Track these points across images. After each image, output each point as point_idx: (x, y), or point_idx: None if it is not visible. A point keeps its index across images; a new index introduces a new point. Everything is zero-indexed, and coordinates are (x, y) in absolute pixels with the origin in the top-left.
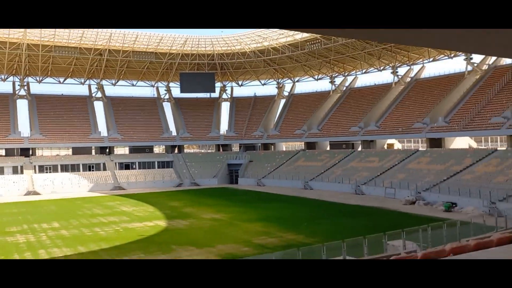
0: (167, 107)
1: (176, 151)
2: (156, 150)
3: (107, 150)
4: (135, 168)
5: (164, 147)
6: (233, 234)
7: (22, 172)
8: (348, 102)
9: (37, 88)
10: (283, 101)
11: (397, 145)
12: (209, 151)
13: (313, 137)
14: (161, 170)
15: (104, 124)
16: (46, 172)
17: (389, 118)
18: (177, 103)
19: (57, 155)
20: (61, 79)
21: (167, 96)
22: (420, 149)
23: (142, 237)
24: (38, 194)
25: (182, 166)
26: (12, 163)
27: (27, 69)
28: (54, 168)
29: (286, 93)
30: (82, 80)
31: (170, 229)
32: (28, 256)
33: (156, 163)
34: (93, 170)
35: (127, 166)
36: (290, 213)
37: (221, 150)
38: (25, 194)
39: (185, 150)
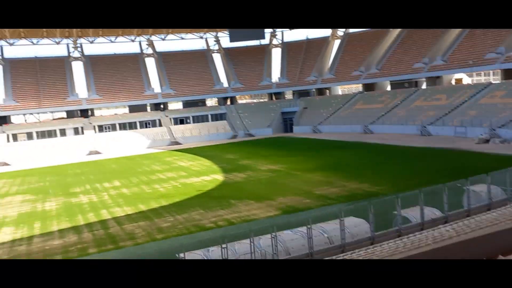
0: (217, 59)
1: (228, 102)
2: (209, 103)
3: (162, 106)
4: (189, 123)
5: (216, 99)
6: (293, 185)
7: (83, 133)
8: (410, 37)
9: (90, 49)
10: (338, 42)
11: (466, 80)
12: (262, 100)
13: (372, 78)
14: (214, 123)
15: (157, 80)
16: (106, 131)
17: (457, 51)
18: (227, 54)
19: (115, 114)
20: (112, 38)
21: (216, 47)
22: (493, 82)
23: (200, 192)
24: (99, 153)
25: (235, 117)
26: (72, 124)
27: (79, 31)
28: (112, 127)
29: (340, 33)
30: (133, 38)
31: (228, 183)
32: (91, 216)
33: (209, 116)
34: (149, 127)
35: (181, 121)
36: (351, 159)
37: (274, 98)
38: (87, 154)
39: (238, 101)
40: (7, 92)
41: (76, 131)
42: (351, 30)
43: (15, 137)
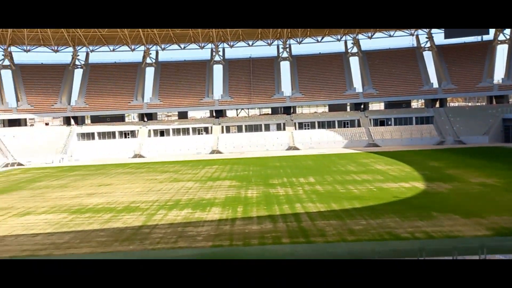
0: (428, 57)
1: (437, 105)
2: (414, 104)
3: (362, 106)
4: (390, 124)
5: (423, 101)
6: (510, 204)
7: (284, 129)
8: None
9: (297, 49)
10: None
11: None
12: (479, 104)
13: None
14: (419, 126)
15: (359, 80)
16: (305, 129)
17: None
18: (440, 52)
19: (315, 112)
20: (319, 38)
21: (428, 45)
22: None
23: (397, 199)
24: (297, 149)
25: (444, 121)
26: (276, 120)
27: (289, 32)
28: (311, 125)
29: None
30: (339, 37)
31: (429, 193)
32: (286, 208)
33: (413, 118)
34: (347, 127)
35: (381, 123)
36: None
37: (494, 102)
38: (286, 149)
39: (449, 104)
40: (225, 88)
41: (279, 127)
42: None
43: (228, 129)
